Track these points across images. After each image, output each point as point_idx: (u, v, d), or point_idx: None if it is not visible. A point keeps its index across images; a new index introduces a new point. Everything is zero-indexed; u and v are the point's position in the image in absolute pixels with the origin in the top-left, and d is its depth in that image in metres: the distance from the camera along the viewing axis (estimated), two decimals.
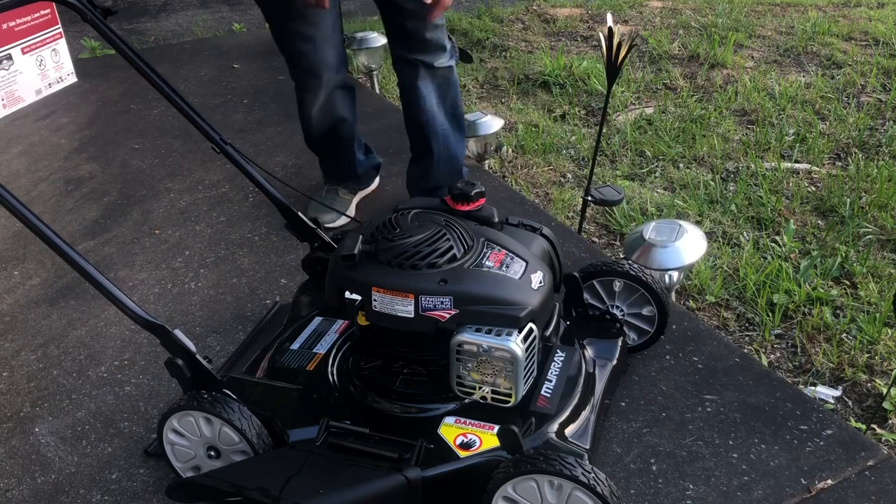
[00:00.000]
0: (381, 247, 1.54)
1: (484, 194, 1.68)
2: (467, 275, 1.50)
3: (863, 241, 2.71)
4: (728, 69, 4.24)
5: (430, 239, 1.53)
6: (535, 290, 1.52)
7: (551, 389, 1.63)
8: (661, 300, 1.86)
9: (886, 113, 3.71)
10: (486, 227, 1.64)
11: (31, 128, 3.59)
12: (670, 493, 1.64)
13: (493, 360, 1.47)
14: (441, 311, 1.48)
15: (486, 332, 1.46)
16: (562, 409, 1.60)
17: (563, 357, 1.72)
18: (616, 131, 3.58)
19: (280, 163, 3.09)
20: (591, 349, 1.81)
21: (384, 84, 4.11)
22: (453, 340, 1.48)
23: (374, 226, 1.60)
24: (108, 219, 2.81)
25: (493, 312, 1.47)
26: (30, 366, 2.13)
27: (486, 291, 1.48)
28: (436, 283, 1.48)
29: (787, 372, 2.19)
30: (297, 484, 1.47)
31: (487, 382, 1.50)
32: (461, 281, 1.49)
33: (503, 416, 1.51)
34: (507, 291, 1.49)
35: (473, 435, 1.52)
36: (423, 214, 1.61)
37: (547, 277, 1.57)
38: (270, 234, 2.64)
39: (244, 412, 1.56)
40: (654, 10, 5.32)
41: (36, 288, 2.46)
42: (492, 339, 1.45)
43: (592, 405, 1.67)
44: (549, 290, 1.56)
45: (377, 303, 1.51)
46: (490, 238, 1.60)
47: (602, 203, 2.53)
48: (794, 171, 3.21)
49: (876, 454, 1.71)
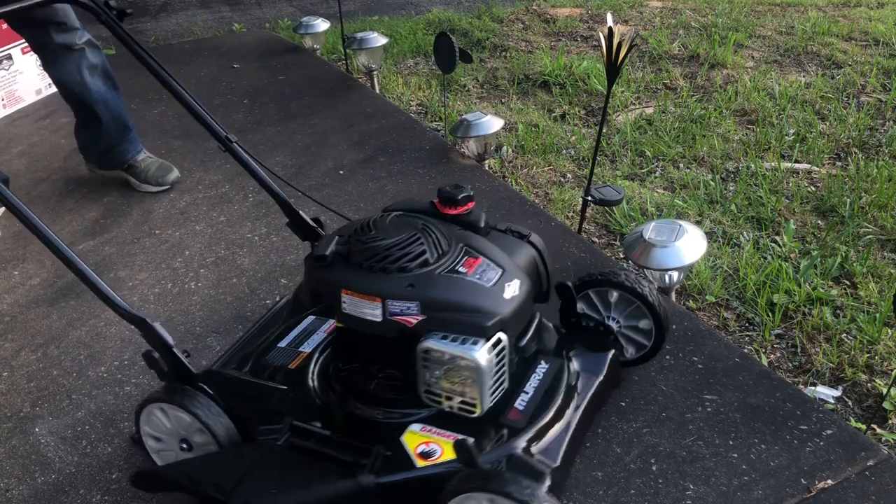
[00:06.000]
0: (353, 248, 1.51)
1: (472, 198, 1.65)
2: (437, 280, 1.46)
3: (863, 241, 2.71)
4: (728, 69, 4.24)
5: (402, 242, 1.49)
6: (508, 299, 1.47)
7: (526, 402, 1.58)
8: (658, 313, 1.78)
9: (886, 113, 3.71)
10: (469, 233, 1.60)
11: (31, 128, 3.59)
12: (670, 493, 1.64)
13: (458, 369, 1.42)
14: (408, 317, 1.44)
15: (451, 340, 1.42)
16: (533, 423, 1.54)
17: (545, 369, 1.67)
18: (616, 131, 3.58)
19: (280, 162, 3.09)
20: (578, 362, 1.74)
21: (384, 84, 4.12)
22: (419, 347, 1.44)
23: (354, 227, 1.58)
24: (108, 219, 2.81)
25: (460, 320, 1.42)
26: (30, 366, 2.13)
27: (455, 298, 1.44)
28: (404, 288, 1.44)
29: (787, 372, 2.19)
30: (250, 482, 1.47)
31: (453, 391, 1.46)
32: (430, 286, 1.45)
33: (470, 427, 1.48)
34: (477, 299, 1.45)
35: (436, 444, 1.48)
36: (402, 217, 1.59)
37: (524, 286, 1.52)
38: (270, 234, 2.64)
39: (212, 408, 1.55)
40: (654, 10, 5.32)
41: (36, 288, 2.47)
42: (456, 347, 1.40)
43: (569, 421, 1.60)
44: (525, 300, 1.51)
45: (346, 305, 1.49)
46: (470, 244, 1.56)
47: (602, 203, 2.54)
48: (794, 171, 3.21)
49: (876, 454, 1.71)
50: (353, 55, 4.06)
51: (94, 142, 2.90)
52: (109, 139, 2.87)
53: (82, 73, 2.73)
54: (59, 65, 2.72)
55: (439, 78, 4.16)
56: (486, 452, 1.47)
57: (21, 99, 3.78)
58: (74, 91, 2.76)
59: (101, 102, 2.79)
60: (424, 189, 2.87)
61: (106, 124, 2.82)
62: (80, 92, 2.76)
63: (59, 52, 2.68)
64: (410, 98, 3.97)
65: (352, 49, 3.96)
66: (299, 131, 3.35)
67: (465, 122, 3.06)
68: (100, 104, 2.79)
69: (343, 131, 3.37)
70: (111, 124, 2.84)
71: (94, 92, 2.76)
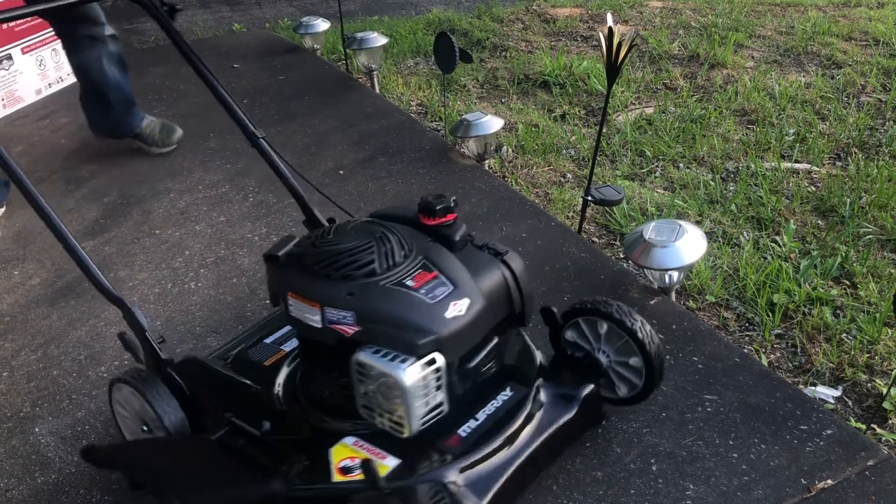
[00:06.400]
0: (305, 251, 1.49)
1: (453, 210, 1.57)
2: (377, 292, 1.41)
3: (863, 241, 2.71)
4: (728, 69, 4.24)
5: (352, 250, 1.45)
6: (448, 318, 1.39)
7: (471, 429, 1.50)
8: (648, 351, 1.63)
9: (886, 113, 3.71)
10: (436, 245, 1.54)
11: (31, 128, 3.59)
12: (670, 493, 1.64)
13: (387, 386, 1.36)
14: (344, 326, 1.40)
15: (382, 355, 1.36)
16: (471, 452, 1.45)
17: (507, 397, 1.57)
18: (616, 131, 3.58)
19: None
20: (549, 393, 1.62)
21: (384, 84, 4.12)
22: (353, 358, 1.39)
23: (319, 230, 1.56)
24: (108, 219, 2.81)
25: (394, 336, 1.37)
26: (30, 366, 2.13)
27: (392, 312, 1.39)
28: (342, 296, 1.40)
29: (787, 372, 2.19)
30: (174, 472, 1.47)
31: (384, 408, 1.40)
32: (368, 297, 1.40)
33: (404, 448, 1.43)
34: (414, 315, 1.38)
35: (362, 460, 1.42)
36: (366, 224, 1.54)
37: (475, 307, 1.43)
38: (270, 234, 2.64)
39: (165, 395, 1.56)
40: (654, 10, 5.32)
41: (36, 288, 2.46)
42: (385, 363, 1.34)
43: (515, 456, 1.50)
44: (473, 321, 1.43)
45: (293, 308, 1.47)
46: (430, 257, 1.49)
47: (602, 203, 2.54)
48: (794, 171, 3.21)
49: (876, 454, 1.71)
50: (353, 55, 4.06)
51: (102, 117, 3.17)
52: (116, 116, 3.14)
53: (102, 62, 2.98)
54: (83, 54, 2.98)
55: (439, 78, 4.16)
56: (412, 476, 1.41)
57: (21, 99, 3.78)
58: (92, 77, 3.02)
59: (115, 87, 3.05)
60: (424, 189, 2.87)
61: (115, 105, 3.09)
62: (97, 78, 3.02)
63: (85, 43, 2.95)
64: (410, 98, 3.97)
65: (352, 49, 3.96)
66: (299, 131, 3.35)
67: (465, 122, 3.06)
68: (113, 89, 3.04)
69: (343, 131, 3.37)
70: (119, 104, 3.10)
71: (109, 78, 3.02)
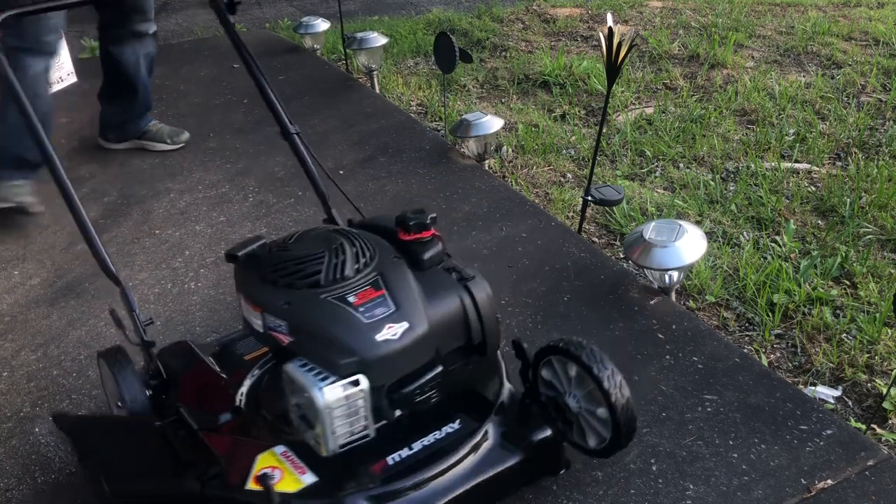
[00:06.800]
0: (262, 255, 1.47)
1: (428, 227, 1.51)
2: (313, 304, 1.37)
3: (863, 241, 2.71)
4: (728, 69, 4.24)
5: (302, 258, 1.42)
6: (379, 341, 1.33)
7: (402, 458, 1.43)
8: (614, 403, 1.46)
9: (886, 113, 3.71)
10: (397, 262, 1.48)
11: None
12: (670, 493, 1.64)
13: (308, 401, 1.33)
14: (280, 335, 1.38)
15: (308, 370, 1.32)
16: (393, 482, 1.39)
17: (452, 429, 1.48)
18: (616, 131, 3.58)
19: (280, 162, 3.09)
20: (500, 432, 1.51)
21: (384, 84, 4.12)
22: (283, 368, 1.37)
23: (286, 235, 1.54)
24: (108, 219, 2.81)
25: (319, 351, 1.33)
26: (30, 366, 2.13)
27: (322, 327, 1.35)
28: (280, 304, 1.37)
29: (787, 372, 2.19)
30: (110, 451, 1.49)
31: (308, 422, 1.37)
32: (303, 309, 1.37)
33: (327, 465, 1.38)
34: (344, 333, 1.33)
35: (281, 472, 1.38)
36: (329, 232, 1.51)
37: (413, 332, 1.36)
38: (270, 234, 2.64)
39: (131, 375, 1.57)
40: (654, 10, 5.32)
41: (36, 288, 2.46)
42: (306, 378, 1.31)
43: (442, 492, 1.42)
44: (409, 346, 1.36)
45: (243, 309, 1.46)
46: (385, 274, 1.43)
47: (602, 203, 2.54)
48: (794, 170, 3.21)
49: (876, 454, 1.71)
50: (353, 55, 4.06)
51: (118, 115, 3.22)
52: (133, 114, 3.21)
53: (139, 59, 3.07)
54: (123, 47, 3.03)
55: (439, 78, 4.16)
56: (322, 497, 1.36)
57: None
58: (126, 72, 3.07)
59: (142, 86, 3.14)
60: (424, 189, 2.87)
61: (137, 103, 3.18)
62: (131, 74, 3.08)
63: (129, 37, 3.02)
64: (410, 98, 3.97)
65: (352, 49, 3.96)
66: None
67: (465, 122, 3.06)
68: (141, 88, 3.13)
69: (343, 131, 3.37)
70: (140, 104, 3.19)
71: (142, 77, 3.11)
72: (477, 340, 1.48)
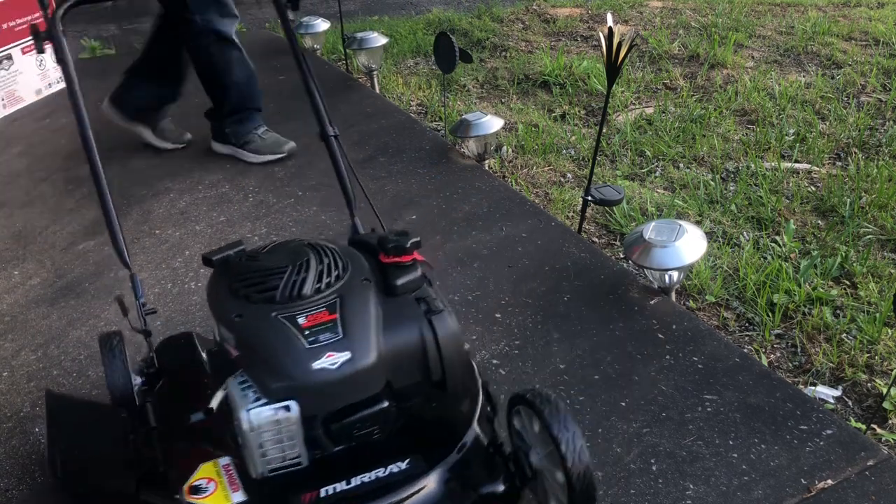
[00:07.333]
0: (233, 262, 1.43)
1: (408, 251, 1.41)
2: (262, 320, 1.31)
3: (863, 241, 2.71)
4: (728, 69, 4.24)
5: (266, 270, 1.37)
6: (315, 369, 1.25)
7: (335, 491, 1.35)
8: (570, 469, 1.31)
9: (886, 113, 3.71)
10: (364, 286, 1.38)
11: (31, 128, 3.59)
12: (670, 493, 1.64)
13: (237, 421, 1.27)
14: (230, 347, 1.33)
15: (244, 388, 1.28)
16: None
17: (398, 469, 1.39)
18: (616, 131, 3.58)
19: (280, 162, 3.09)
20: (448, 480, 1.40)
21: (384, 84, 4.12)
22: (226, 381, 1.32)
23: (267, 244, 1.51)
24: None
25: (257, 371, 1.28)
26: (30, 366, 2.13)
27: (263, 346, 1.29)
28: (232, 317, 1.32)
29: (787, 372, 2.19)
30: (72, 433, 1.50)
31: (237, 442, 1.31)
32: (252, 324, 1.32)
33: (256, 488, 1.33)
34: (280, 356, 1.27)
35: (216, 486, 1.33)
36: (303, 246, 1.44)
37: (354, 363, 1.27)
38: (270, 234, 2.64)
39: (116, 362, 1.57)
40: (654, 10, 5.32)
41: (36, 288, 2.46)
42: (238, 396, 1.27)
43: None
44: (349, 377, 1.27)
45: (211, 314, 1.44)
46: (345, 297, 1.35)
47: (602, 203, 2.54)
48: (794, 171, 3.21)
49: (876, 454, 1.71)
50: (353, 55, 4.06)
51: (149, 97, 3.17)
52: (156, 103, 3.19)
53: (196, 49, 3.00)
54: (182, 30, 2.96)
55: (439, 78, 4.16)
56: None
57: (21, 99, 3.78)
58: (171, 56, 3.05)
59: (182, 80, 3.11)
60: (424, 189, 2.87)
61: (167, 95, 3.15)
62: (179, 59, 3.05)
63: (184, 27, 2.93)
64: (410, 98, 3.97)
65: (352, 49, 3.96)
66: (299, 131, 3.34)
67: (465, 122, 3.06)
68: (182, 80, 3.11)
69: (343, 131, 3.35)
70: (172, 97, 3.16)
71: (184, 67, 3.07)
72: (436, 378, 1.37)
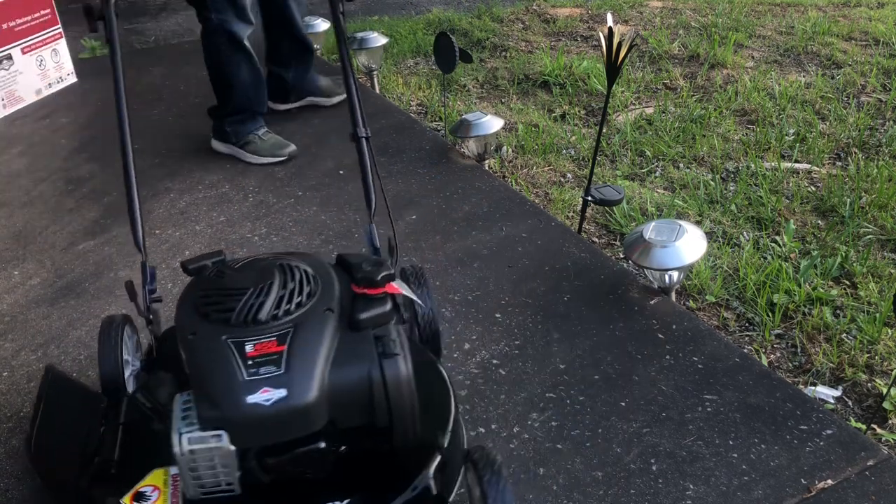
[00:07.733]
0: (205, 274, 1.41)
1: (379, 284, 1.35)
2: (212, 343, 1.27)
3: (863, 241, 2.71)
4: (728, 69, 4.24)
5: (228, 290, 1.33)
6: (248, 404, 1.20)
7: None
8: None
9: (886, 113, 3.71)
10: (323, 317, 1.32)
11: (31, 128, 3.59)
12: (670, 493, 1.64)
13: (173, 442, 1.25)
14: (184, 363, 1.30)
15: (185, 409, 1.25)
16: None
17: None
18: (616, 131, 3.58)
19: (280, 162, 3.09)
20: None
21: (384, 84, 4.12)
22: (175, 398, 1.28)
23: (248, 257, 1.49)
24: (108, 219, 2.81)
25: (196, 394, 1.25)
26: (30, 366, 2.13)
27: (203, 371, 1.26)
28: (187, 334, 1.29)
29: (787, 372, 2.19)
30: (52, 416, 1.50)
31: None
32: (202, 345, 1.28)
33: None
34: (217, 384, 1.23)
35: (159, 495, 1.32)
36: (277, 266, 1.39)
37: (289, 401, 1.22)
38: (270, 234, 2.64)
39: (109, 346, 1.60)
40: (654, 10, 5.32)
41: (36, 288, 2.46)
42: (178, 419, 1.23)
43: None
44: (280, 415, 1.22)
45: None
46: (299, 328, 1.29)
47: (602, 203, 2.54)
48: (794, 171, 3.21)
49: (876, 454, 1.71)
50: (353, 55, 4.06)
51: None
52: None
53: None
54: None
55: (439, 78, 4.17)
56: None
57: (21, 99, 3.78)
58: None
59: None
60: (424, 189, 2.87)
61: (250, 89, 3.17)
62: None
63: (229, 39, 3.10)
64: (410, 98, 3.97)
65: (352, 49, 3.96)
66: (299, 131, 3.35)
67: (465, 122, 3.06)
68: None
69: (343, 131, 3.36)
70: None
71: None
72: (381, 423, 1.29)
